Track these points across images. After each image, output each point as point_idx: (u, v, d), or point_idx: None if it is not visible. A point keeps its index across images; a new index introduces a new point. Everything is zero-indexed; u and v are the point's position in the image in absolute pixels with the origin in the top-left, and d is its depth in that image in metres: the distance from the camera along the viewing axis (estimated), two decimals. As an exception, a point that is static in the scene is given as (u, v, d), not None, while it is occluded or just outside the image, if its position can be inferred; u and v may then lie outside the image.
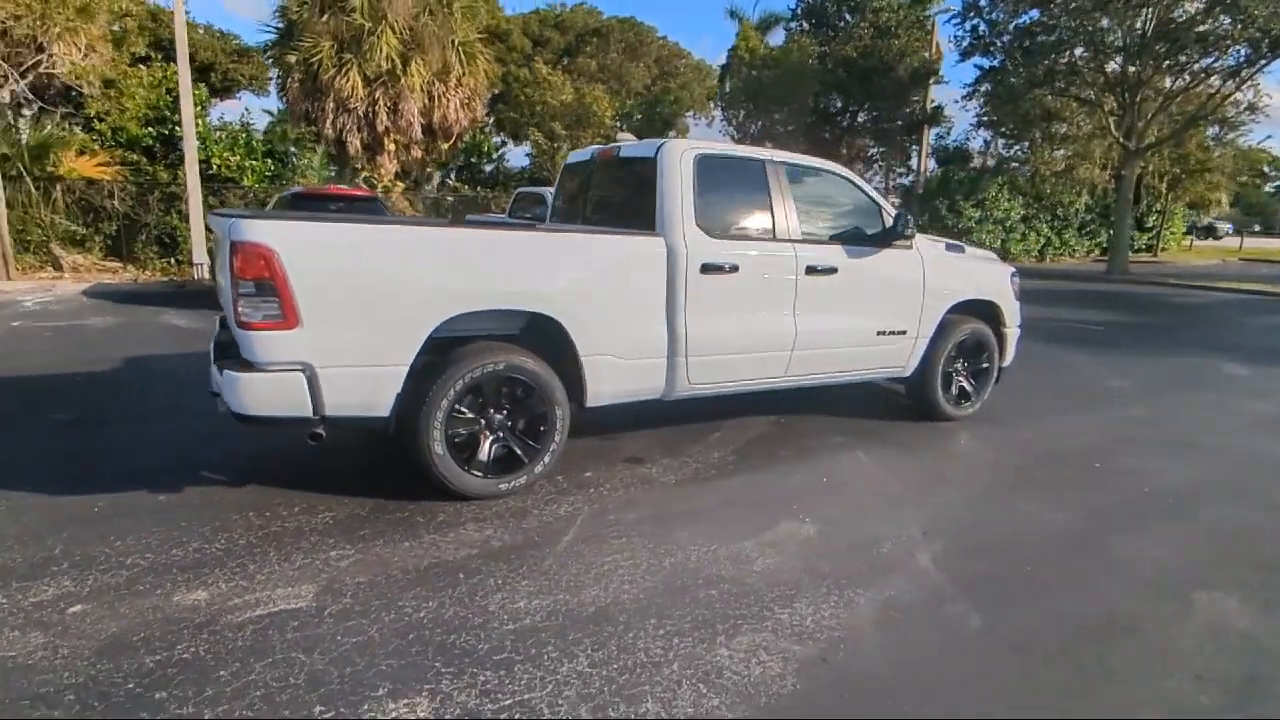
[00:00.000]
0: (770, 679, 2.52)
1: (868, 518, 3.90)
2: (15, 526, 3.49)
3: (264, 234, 3.32)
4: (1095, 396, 6.74)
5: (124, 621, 2.75)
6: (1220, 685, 2.57)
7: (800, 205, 4.83)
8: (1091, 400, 6.59)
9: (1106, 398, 6.70)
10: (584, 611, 2.92)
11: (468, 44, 16.46)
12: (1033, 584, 3.24)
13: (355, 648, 2.63)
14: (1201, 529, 3.89)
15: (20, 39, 12.30)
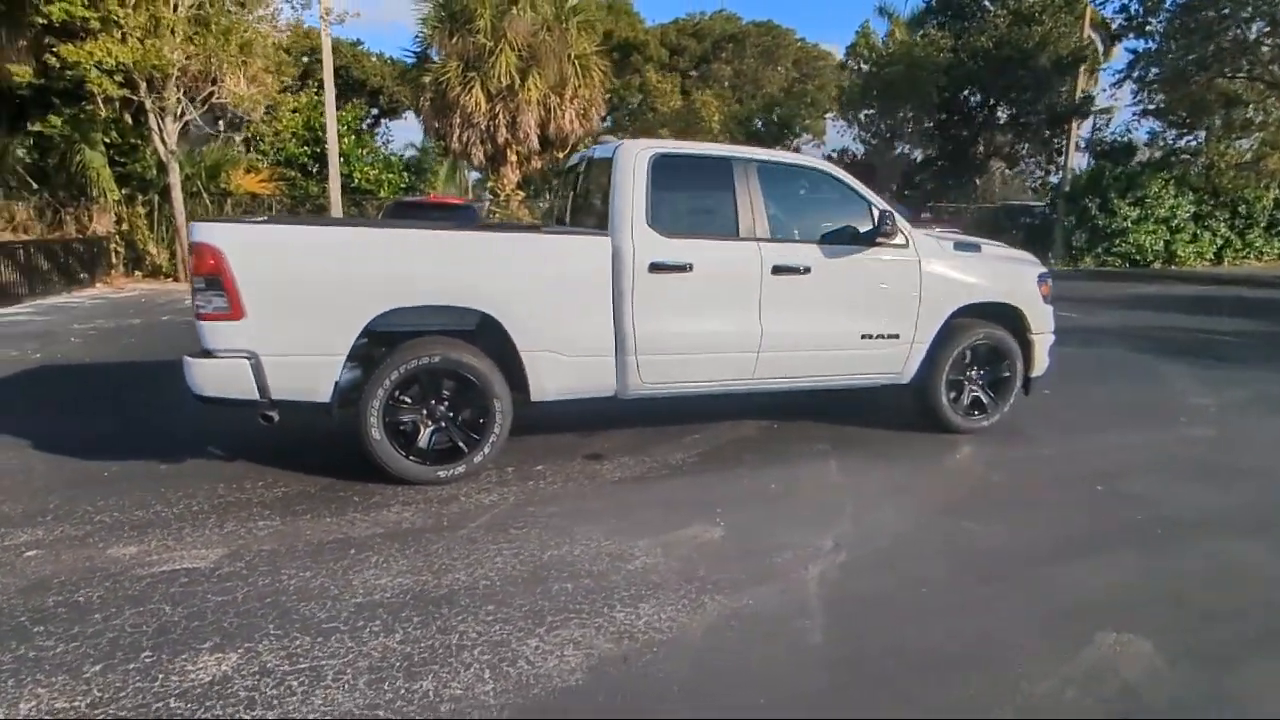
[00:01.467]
0: (558, 673, 2.54)
1: (788, 526, 3.74)
2: (40, 483, 4.16)
3: (213, 235, 3.76)
4: (1162, 414, 5.96)
5: (57, 566, 3.22)
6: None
7: (773, 204, 4.70)
8: (1154, 418, 5.83)
9: (1175, 416, 5.90)
10: (436, 593, 3.06)
11: (583, 57, 17.07)
12: (914, 607, 3.00)
13: (215, 605, 2.93)
14: (1171, 565, 3.39)
15: (195, 74, 14.21)
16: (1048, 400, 6.33)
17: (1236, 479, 4.50)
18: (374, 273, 3.95)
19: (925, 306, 4.97)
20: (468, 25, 16.48)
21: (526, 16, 16.59)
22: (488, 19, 16.26)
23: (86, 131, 15.16)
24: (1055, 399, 6.37)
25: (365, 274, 3.93)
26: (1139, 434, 5.40)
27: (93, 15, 12.81)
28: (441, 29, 16.88)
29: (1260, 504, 4.13)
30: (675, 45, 30.59)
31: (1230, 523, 3.86)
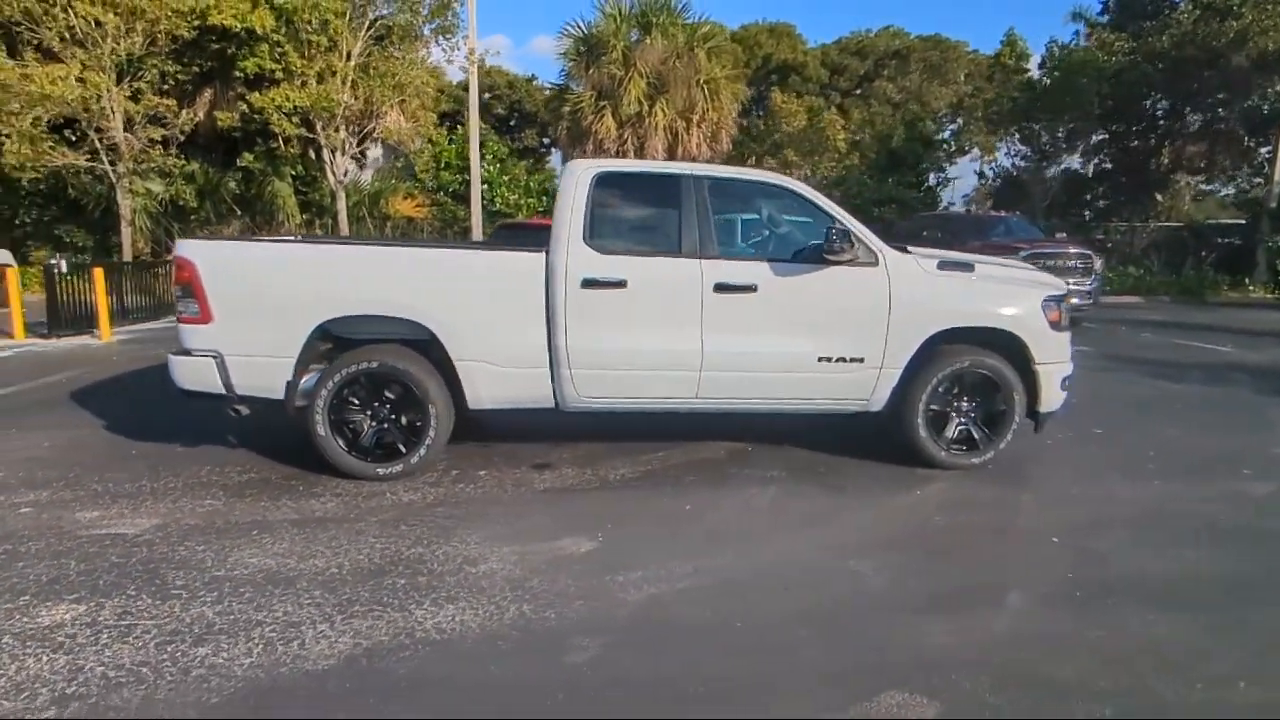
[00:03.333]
0: (315, 657, 2.70)
1: (662, 549, 3.63)
2: (82, 456, 4.98)
3: (188, 250, 4.37)
4: (1225, 463, 4.99)
5: (31, 522, 3.88)
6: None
7: (722, 221, 4.61)
8: (1209, 467, 4.91)
9: (1239, 467, 4.94)
10: (285, 574, 3.33)
11: (712, 81, 17.25)
12: (705, 643, 2.83)
13: (107, 565, 3.40)
14: (1046, 630, 2.91)
15: (359, 113, 16.11)
16: (1089, 438, 5.59)
17: (1252, 546, 3.74)
18: (318, 284, 4.38)
19: (895, 329, 4.61)
20: (602, 56, 17.25)
21: (658, 45, 17.09)
22: (619, 50, 16.93)
23: (277, 165, 17.64)
24: (1102, 438, 5.61)
25: (311, 285, 4.37)
26: (1172, 484, 4.60)
27: (277, 67, 14.96)
28: (579, 61, 17.82)
29: (1248, 580, 3.40)
30: (836, 65, 29.92)
31: (1184, 596, 3.22)
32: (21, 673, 2.58)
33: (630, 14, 17.40)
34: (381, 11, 16.57)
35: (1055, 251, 11.26)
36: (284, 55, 14.76)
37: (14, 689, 2.49)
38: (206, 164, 17.68)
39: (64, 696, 2.46)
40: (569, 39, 17.85)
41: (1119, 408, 6.64)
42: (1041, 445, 5.37)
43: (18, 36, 14.02)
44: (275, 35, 14.56)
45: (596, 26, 17.45)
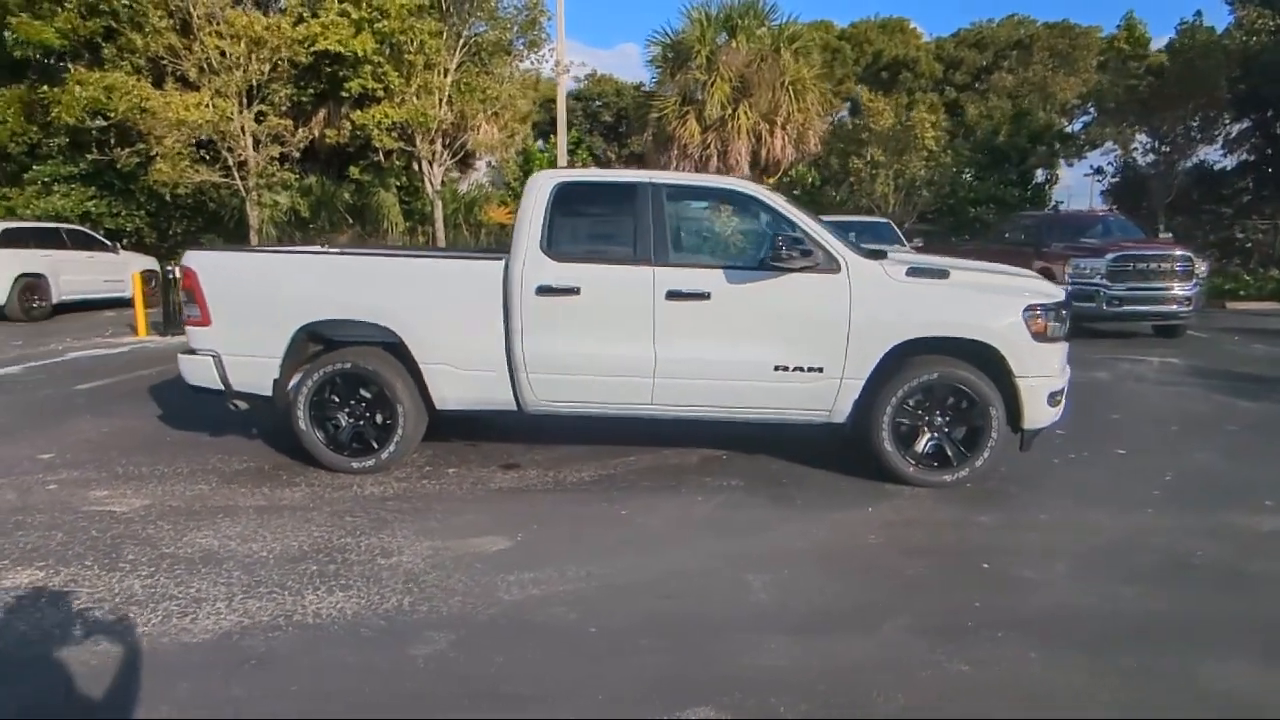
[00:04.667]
0: (196, 631, 2.98)
1: (568, 552, 3.66)
2: (124, 442, 5.63)
3: (191, 260, 4.86)
4: (1248, 495, 4.40)
5: (49, 496, 4.45)
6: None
7: (679, 228, 4.62)
8: (1229, 500, 4.34)
9: (1262, 497, 4.36)
10: (220, 555, 3.65)
11: (798, 82, 16.91)
12: (538, 646, 2.88)
13: (84, 538, 3.85)
14: (892, 657, 2.74)
15: (453, 126, 16.97)
16: (1104, 460, 5.14)
17: (1206, 589, 3.33)
18: (298, 290, 4.75)
19: (857, 338, 4.43)
20: (688, 62, 17.32)
21: (742, 48, 16.95)
22: (704, 54, 16.94)
23: (383, 177, 18.91)
24: (1120, 459, 5.15)
25: (292, 291, 4.75)
26: (1167, 514, 4.14)
27: (379, 87, 16.03)
28: (665, 68, 17.97)
29: (1169, 624, 3.04)
30: (951, 59, 28.43)
31: (1083, 635, 2.93)
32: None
33: (716, 18, 17.36)
34: (480, 27, 17.43)
35: (1151, 254, 10.26)
36: (384, 75, 15.80)
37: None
38: (323, 177, 19.19)
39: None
40: (656, 46, 18.05)
41: (1161, 426, 6.03)
42: (1043, 465, 5.01)
43: (164, 69, 15.80)
44: (376, 57, 15.61)
45: (682, 32, 17.54)
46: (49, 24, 16.06)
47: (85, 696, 2.58)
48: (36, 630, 2.98)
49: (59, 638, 2.91)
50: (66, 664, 2.75)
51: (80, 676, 2.67)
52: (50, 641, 2.89)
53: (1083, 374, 8.11)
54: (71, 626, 2.99)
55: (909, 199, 16.68)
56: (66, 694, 2.59)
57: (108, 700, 2.56)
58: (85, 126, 16.46)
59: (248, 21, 15.06)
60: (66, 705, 2.55)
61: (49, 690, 2.61)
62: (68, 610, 3.12)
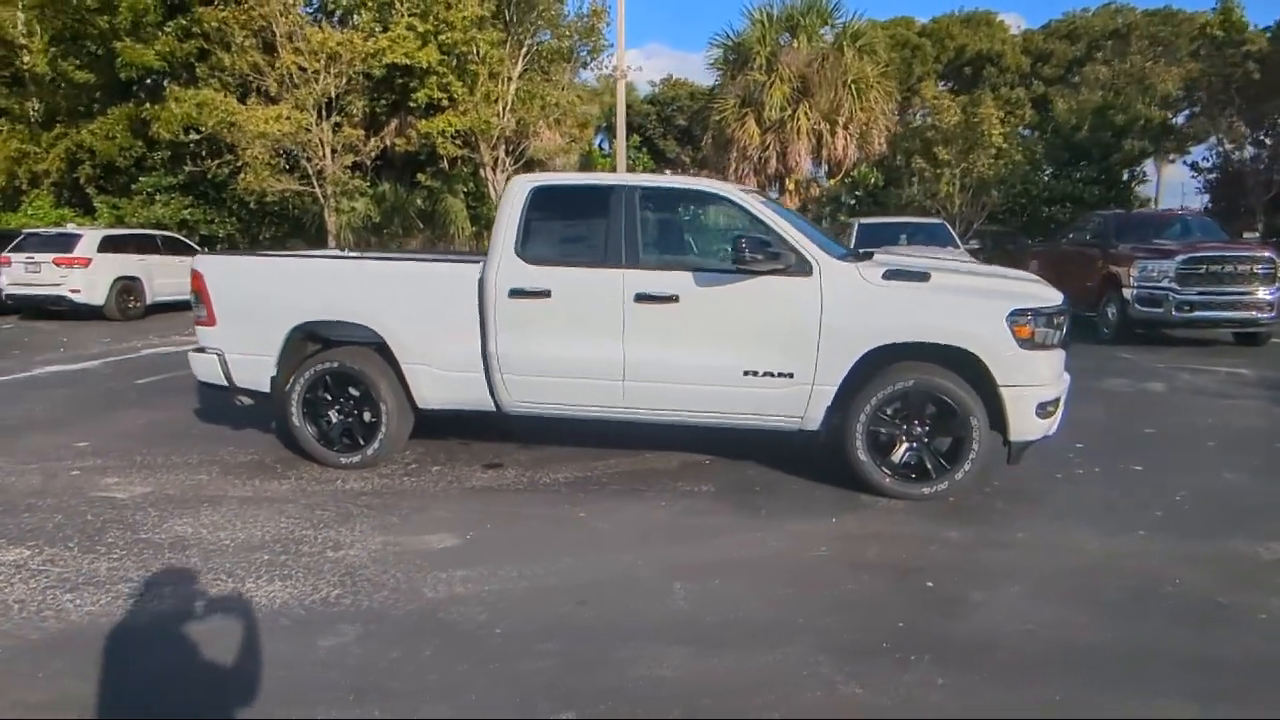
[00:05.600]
0: (116, 613, 3.16)
1: (509, 553, 3.67)
2: (149, 432, 6.02)
3: (199, 263, 5.17)
4: (1263, 522, 3.96)
5: (64, 483, 4.81)
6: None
7: (650, 231, 4.59)
8: (1239, 526, 3.91)
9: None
10: (190, 540, 3.87)
11: (861, 81, 16.45)
12: (440, 641, 2.92)
13: (77, 521, 4.14)
14: (810, 680, 2.61)
15: (514, 133, 17.39)
16: (1116, 476, 4.78)
17: (1166, 622, 3.03)
18: (291, 293, 4.97)
19: (828, 343, 4.28)
20: (748, 64, 17.14)
21: (803, 48, 16.65)
22: (764, 55, 16.72)
23: (451, 183, 19.52)
24: (1134, 476, 4.77)
25: (285, 294, 4.98)
26: (1162, 538, 3.79)
27: (444, 96, 16.60)
28: (727, 70, 17.85)
29: (1106, 655, 2.78)
30: (1040, 51, 26.99)
31: (1008, 662, 2.73)
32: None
33: (777, 19, 17.11)
34: (544, 36, 17.80)
35: (1227, 255, 9.44)
36: (448, 85, 16.35)
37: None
38: (396, 184, 20.00)
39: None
40: (717, 48, 17.95)
41: (1196, 442, 5.55)
42: (1043, 480, 4.71)
43: (249, 85, 16.86)
44: (441, 68, 16.17)
45: (743, 34, 17.37)
46: (150, 47, 17.41)
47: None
48: (2, 605, 3.22)
49: (14, 613, 3.14)
50: (4, 636, 2.96)
51: (8, 650, 2.87)
52: (4, 616, 3.12)
53: (1135, 384, 7.61)
54: (27, 605, 3.22)
55: (976, 198, 15.92)
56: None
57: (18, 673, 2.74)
58: (181, 140, 17.74)
59: (323, 38, 15.87)
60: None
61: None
62: (30, 588, 3.36)
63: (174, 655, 2.85)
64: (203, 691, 2.66)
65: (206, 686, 2.68)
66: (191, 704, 2.59)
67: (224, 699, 2.58)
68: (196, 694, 2.65)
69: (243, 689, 2.63)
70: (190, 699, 2.62)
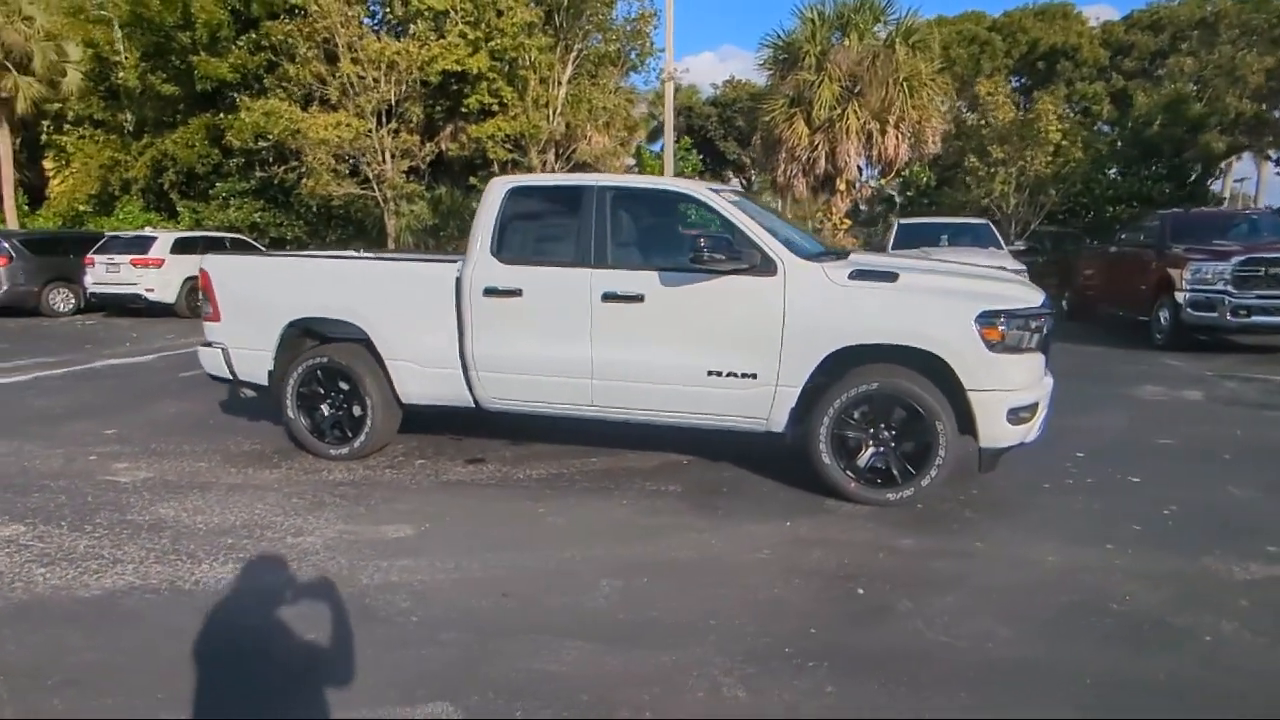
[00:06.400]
0: (85, 587, 3.39)
1: (454, 546, 3.75)
2: (172, 422, 6.39)
3: (205, 262, 5.46)
4: (1250, 539, 3.67)
5: (80, 467, 5.16)
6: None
7: (620, 231, 4.60)
8: (1225, 541, 3.63)
9: (1267, 544, 3.62)
10: (169, 522, 4.10)
11: (914, 78, 15.99)
12: (359, 627, 3.01)
13: (75, 502, 4.43)
14: (701, 682, 2.58)
15: (563, 136, 17.62)
16: (1108, 487, 4.52)
17: (1096, 643, 2.85)
18: (285, 290, 5.21)
19: (790, 344, 4.21)
20: (797, 64, 16.90)
21: (854, 47, 16.30)
22: (814, 54, 16.46)
23: (504, 187, 19.85)
24: (1127, 488, 4.49)
25: (280, 291, 5.21)
26: (1131, 552, 3.55)
27: (494, 101, 16.97)
28: (776, 70, 17.64)
29: (1014, 669, 2.63)
30: (1120, 44, 25.60)
31: (904, 672, 2.63)
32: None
33: (829, 18, 16.81)
34: (594, 39, 18.00)
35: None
36: (499, 91, 16.70)
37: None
38: (452, 188, 20.53)
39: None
40: (767, 48, 17.74)
41: (1211, 455, 5.18)
42: (1027, 490, 4.53)
43: (312, 94, 17.62)
44: (491, 74, 16.55)
45: (793, 34, 17.13)
46: (224, 60, 18.42)
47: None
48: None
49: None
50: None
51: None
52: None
53: (1170, 392, 7.18)
54: (3, 577, 3.47)
55: (1033, 198, 15.20)
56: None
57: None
58: (252, 148, 18.66)
59: (380, 47, 16.46)
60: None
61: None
62: (12, 561, 3.63)
63: (105, 626, 3.03)
64: (107, 661, 2.80)
65: (120, 656, 2.84)
66: (93, 670, 2.73)
67: (120, 669, 2.73)
68: (102, 662, 2.79)
69: (144, 663, 2.78)
70: (93, 666, 2.76)
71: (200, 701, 2.52)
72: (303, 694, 2.58)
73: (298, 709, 2.50)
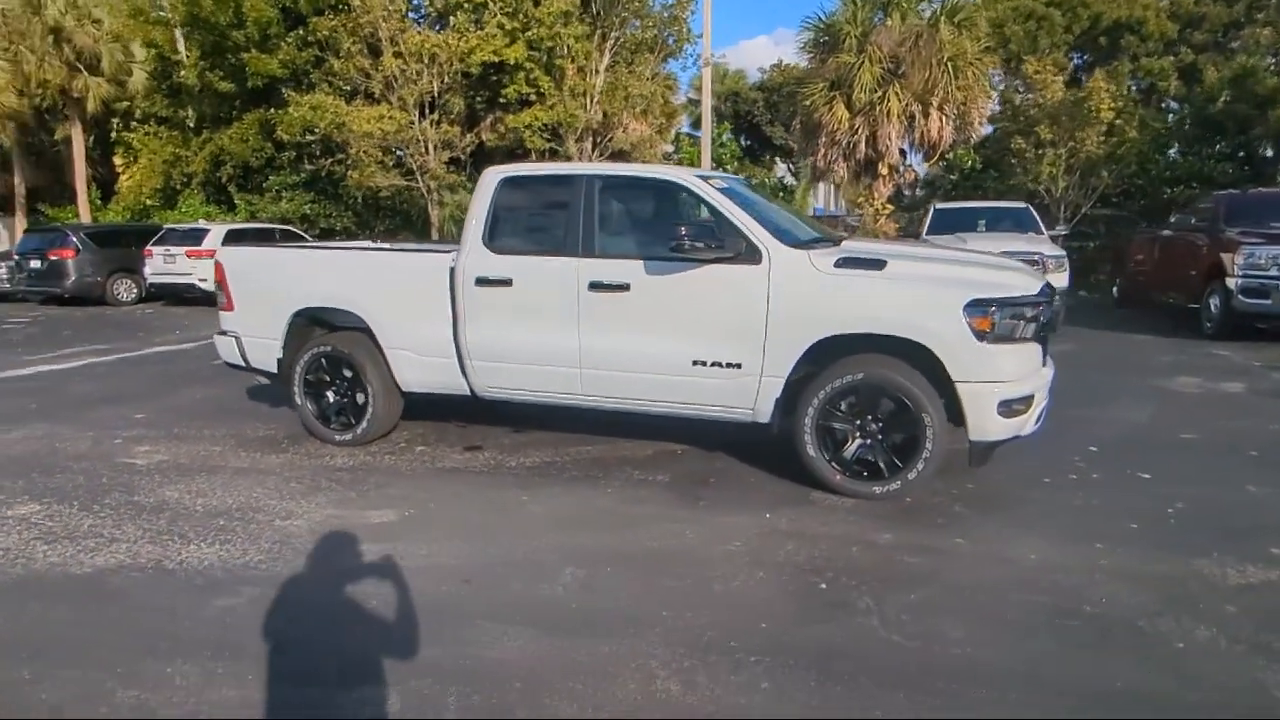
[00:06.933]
0: (80, 564, 3.56)
1: (433, 532, 3.81)
2: (197, 408, 6.65)
3: (220, 254, 5.65)
4: (1255, 541, 3.44)
5: (105, 449, 5.41)
6: None
7: (608, 220, 4.59)
8: (1226, 544, 3.41)
9: (1270, 546, 3.41)
10: (173, 504, 4.27)
11: (958, 57, 15.44)
12: (307, 608, 3.09)
13: (95, 483, 4.66)
14: (607, 668, 2.58)
15: (600, 125, 17.60)
16: (1114, 483, 4.31)
17: (1080, 645, 2.72)
18: (292, 281, 5.35)
19: (775, 333, 4.13)
20: (838, 46, 16.51)
21: (895, 27, 15.83)
22: (854, 35, 16.05)
23: (544, 177, 19.97)
24: (1136, 484, 4.28)
25: (287, 282, 5.36)
26: (1122, 553, 3.37)
27: (532, 91, 17.05)
28: (816, 53, 17.26)
29: (1001, 676, 2.53)
30: (1190, 16, 24.15)
31: (859, 672, 2.56)
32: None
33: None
34: (633, 25, 17.90)
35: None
36: (536, 80, 16.77)
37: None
38: (495, 178, 20.75)
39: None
40: (808, 31, 17.35)
41: (1236, 452, 4.91)
42: (1027, 485, 4.37)
43: (356, 88, 18.00)
44: (529, 63, 16.62)
45: (834, 15, 16.72)
46: (274, 57, 18.95)
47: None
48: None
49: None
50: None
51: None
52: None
53: (1208, 384, 6.82)
54: (9, 553, 3.67)
55: (1084, 181, 14.49)
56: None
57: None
58: (302, 141, 19.20)
59: (421, 39, 16.70)
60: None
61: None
62: (20, 539, 3.83)
63: (89, 603, 3.18)
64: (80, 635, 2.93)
65: (94, 631, 2.97)
66: (64, 644, 2.86)
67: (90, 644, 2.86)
68: (75, 637, 2.92)
69: (112, 638, 2.90)
70: (66, 640, 2.89)
71: (151, 677, 2.62)
72: (241, 672, 2.66)
73: (230, 687, 2.57)
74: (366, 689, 2.53)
